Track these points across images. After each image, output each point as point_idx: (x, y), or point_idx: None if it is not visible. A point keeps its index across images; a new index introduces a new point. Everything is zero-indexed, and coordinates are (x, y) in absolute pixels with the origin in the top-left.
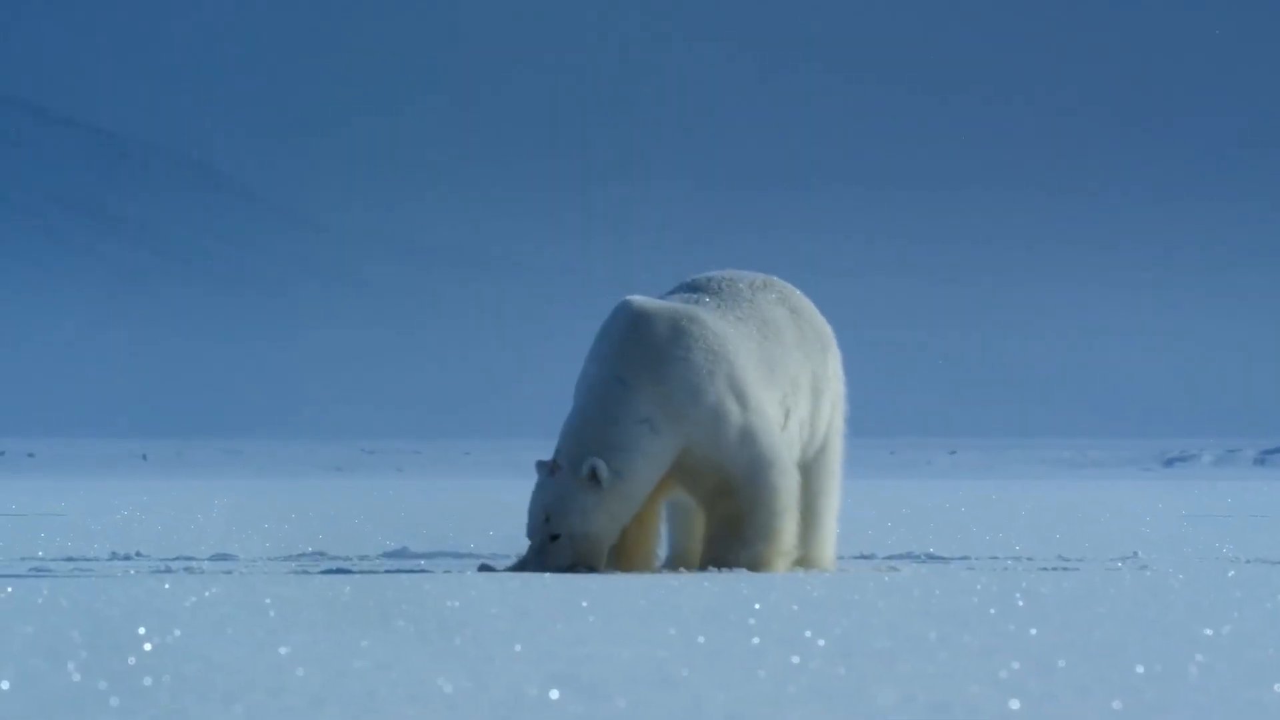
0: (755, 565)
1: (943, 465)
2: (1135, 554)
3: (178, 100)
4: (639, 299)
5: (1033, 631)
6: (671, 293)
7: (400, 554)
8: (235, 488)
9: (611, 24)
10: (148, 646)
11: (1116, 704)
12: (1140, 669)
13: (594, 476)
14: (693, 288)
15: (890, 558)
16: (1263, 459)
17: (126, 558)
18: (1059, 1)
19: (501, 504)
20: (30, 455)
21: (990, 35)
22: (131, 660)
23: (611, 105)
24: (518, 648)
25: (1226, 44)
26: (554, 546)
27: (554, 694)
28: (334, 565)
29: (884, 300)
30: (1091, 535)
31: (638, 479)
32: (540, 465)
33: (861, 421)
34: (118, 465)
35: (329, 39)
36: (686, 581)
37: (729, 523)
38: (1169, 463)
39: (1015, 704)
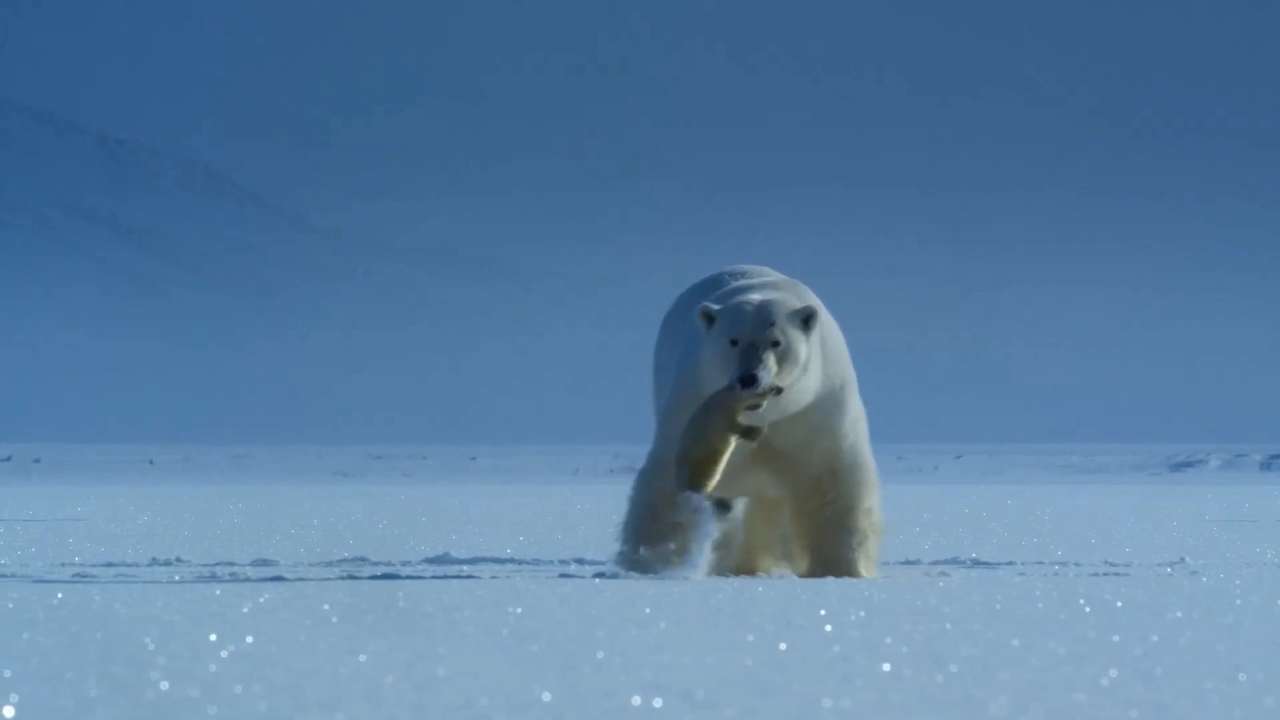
0: (871, 544)
1: (950, 470)
2: (1183, 559)
3: (183, 106)
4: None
5: (1115, 638)
6: (711, 279)
7: (443, 559)
8: (249, 493)
9: (608, 27)
10: (225, 653)
11: (1238, 713)
12: (1242, 676)
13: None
14: (737, 275)
15: (936, 563)
16: (1269, 464)
17: (167, 563)
18: (1060, 3)
19: (521, 509)
20: (37, 460)
21: (992, 36)
22: (213, 668)
23: (610, 108)
24: (600, 654)
25: (1229, 44)
26: (770, 354)
27: (657, 702)
28: (380, 571)
29: (885, 303)
30: (1128, 540)
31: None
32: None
33: (868, 427)
34: (125, 471)
35: (331, 45)
36: (741, 586)
37: (843, 505)
38: (1175, 468)
39: (1134, 714)
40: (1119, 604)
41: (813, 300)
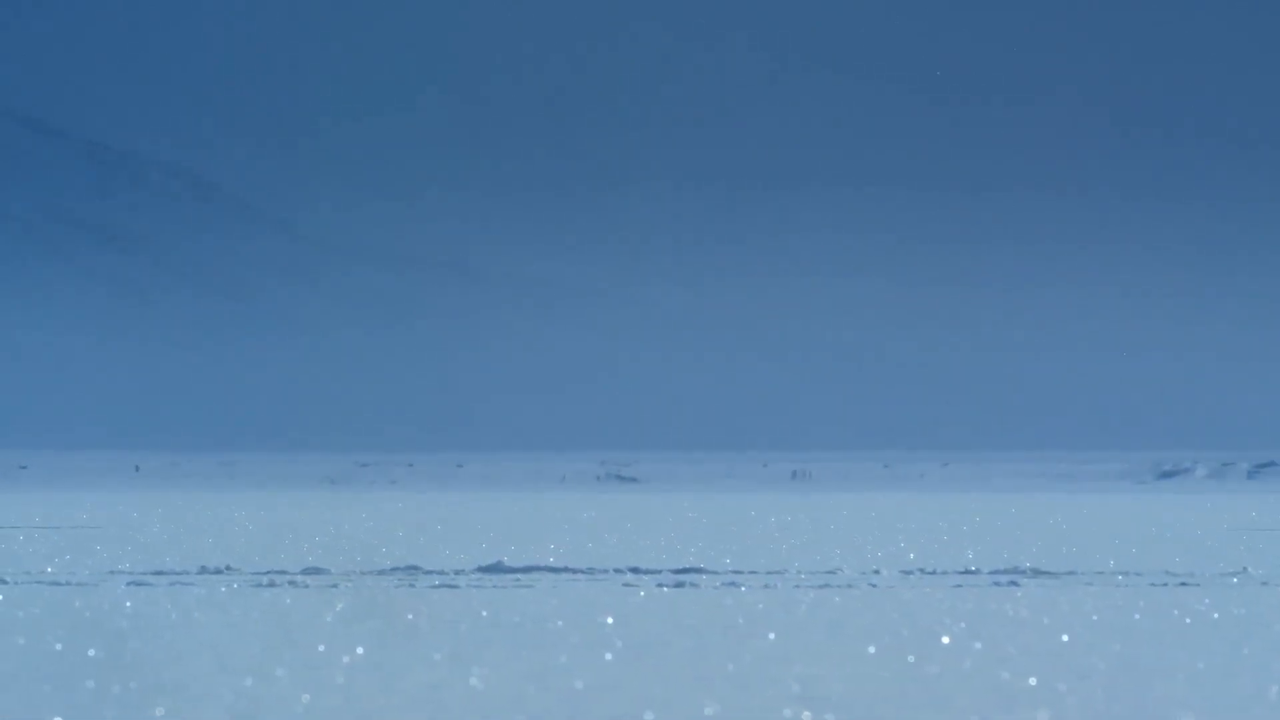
0: None
1: (936, 478)
2: (1245, 569)
3: (169, 112)
4: None
5: (1245, 651)
6: None
7: (496, 568)
8: (247, 500)
9: (603, 29)
10: (346, 659)
11: None
12: None
13: None
14: None
15: (995, 573)
16: (1255, 473)
17: (218, 571)
18: (1060, 4)
19: (532, 517)
20: (23, 467)
21: (992, 36)
22: (340, 679)
23: (601, 114)
24: (729, 666)
25: (1229, 44)
26: None
27: (829, 718)
28: (438, 581)
29: (871, 305)
30: (1174, 550)
31: None
32: None
33: (854, 434)
34: (112, 477)
35: (318, 51)
36: (819, 597)
37: None
38: (1163, 476)
39: None
40: (1215, 615)
41: None
